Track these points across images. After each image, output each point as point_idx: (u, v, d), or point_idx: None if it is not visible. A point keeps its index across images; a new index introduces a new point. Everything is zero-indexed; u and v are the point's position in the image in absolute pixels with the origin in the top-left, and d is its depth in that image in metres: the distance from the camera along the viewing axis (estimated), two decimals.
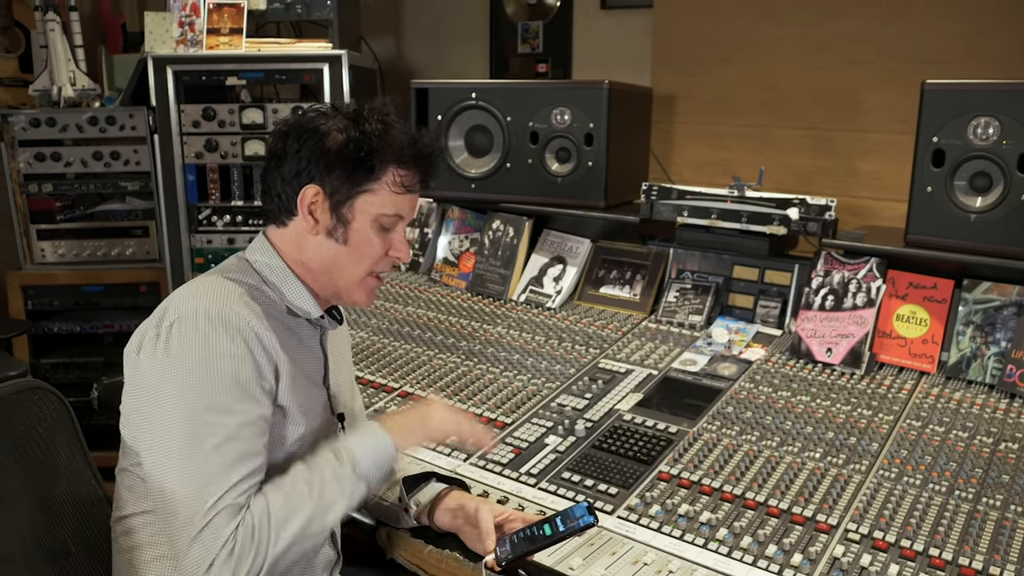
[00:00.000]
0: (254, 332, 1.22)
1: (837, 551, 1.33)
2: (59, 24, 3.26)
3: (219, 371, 1.18)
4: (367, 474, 1.27)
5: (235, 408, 1.18)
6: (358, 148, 1.27)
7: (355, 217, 1.30)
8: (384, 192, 1.30)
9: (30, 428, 1.33)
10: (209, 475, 1.14)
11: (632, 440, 1.69)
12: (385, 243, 1.34)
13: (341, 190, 1.29)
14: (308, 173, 1.29)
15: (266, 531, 1.16)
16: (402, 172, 1.31)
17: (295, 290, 1.34)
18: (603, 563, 1.34)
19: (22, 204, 3.32)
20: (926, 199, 1.88)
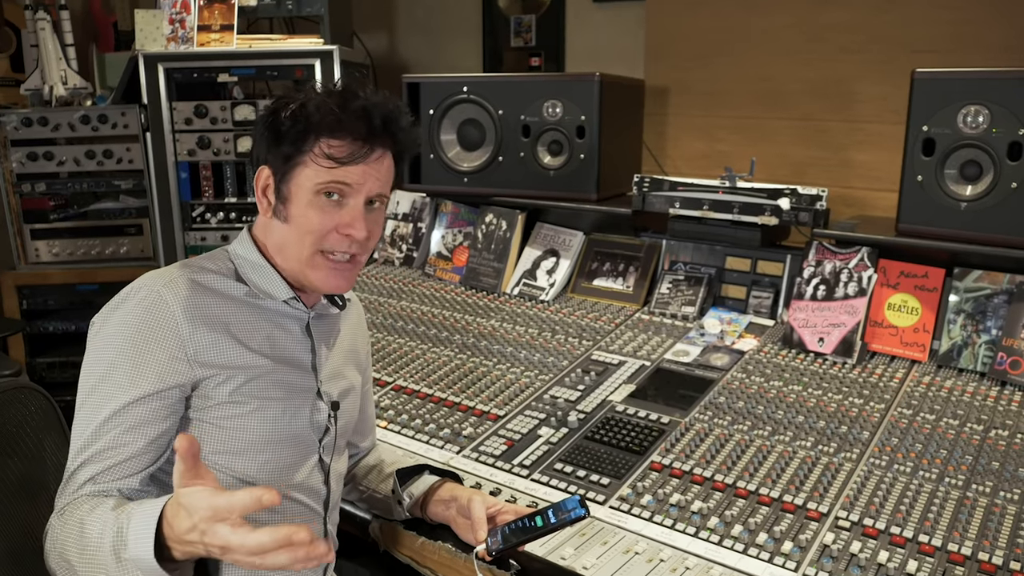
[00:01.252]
0: (171, 310, 1.20)
1: (827, 538, 1.34)
2: (49, 23, 3.26)
3: (120, 347, 1.19)
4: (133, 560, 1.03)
5: (128, 386, 1.18)
6: (294, 122, 1.22)
7: (292, 193, 1.24)
8: (313, 164, 1.22)
9: (19, 428, 1.34)
10: (87, 437, 1.17)
11: (624, 431, 1.69)
12: (330, 219, 1.24)
13: (279, 167, 1.25)
14: (261, 155, 1.27)
15: (56, 536, 1.14)
16: (332, 142, 1.22)
17: (263, 275, 1.31)
18: (594, 552, 1.34)
19: (15, 204, 3.31)
20: (917, 188, 1.89)
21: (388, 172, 1.30)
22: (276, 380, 1.30)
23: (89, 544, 1.08)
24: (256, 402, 1.27)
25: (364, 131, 1.23)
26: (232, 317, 1.27)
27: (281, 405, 1.30)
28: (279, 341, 1.32)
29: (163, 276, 1.25)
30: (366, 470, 1.56)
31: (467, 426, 1.78)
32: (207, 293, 1.26)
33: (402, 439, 1.76)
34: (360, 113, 1.23)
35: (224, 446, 1.25)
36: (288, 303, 1.33)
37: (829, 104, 2.73)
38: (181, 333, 1.21)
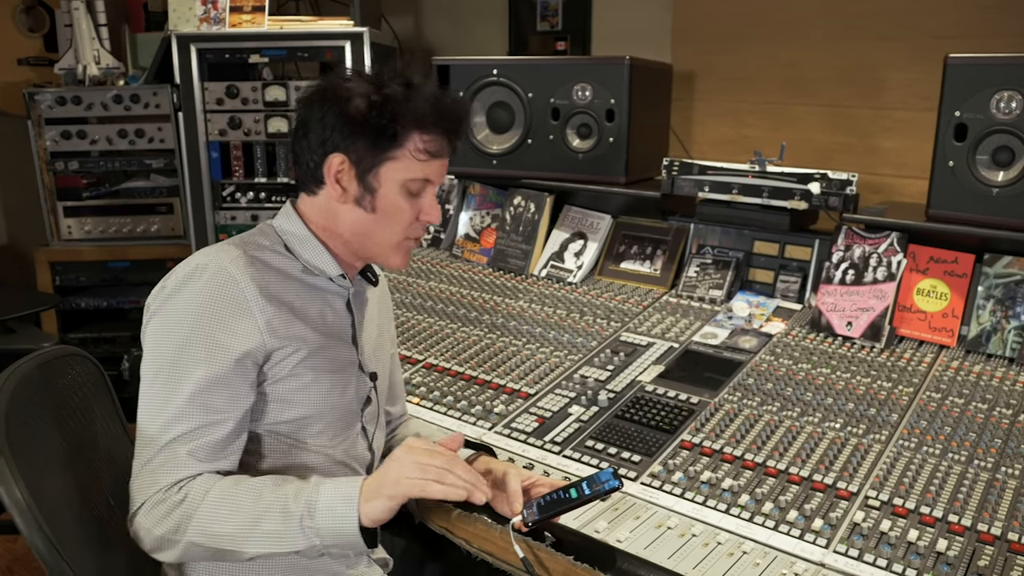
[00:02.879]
0: (240, 285, 1.24)
1: (857, 517, 1.36)
2: (83, 3, 3.30)
3: (195, 322, 1.22)
4: (320, 533, 1.17)
5: (204, 360, 1.21)
6: (380, 115, 1.26)
7: (381, 185, 1.30)
8: (408, 158, 1.29)
9: (70, 392, 1.38)
10: (172, 414, 1.20)
11: (654, 410, 1.72)
12: (415, 208, 1.33)
13: (366, 158, 1.29)
14: (332, 142, 1.29)
15: (190, 514, 1.17)
16: (426, 137, 1.29)
17: (314, 252, 1.35)
18: (628, 526, 1.37)
19: (49, 181, 3.37)
20: (948, 174, 1.89)
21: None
22: (328, 354, 1.35)
23: (257, 515, 1.17)
24: (312, 374, 1.32)
25: (454, 128, 1.32)
26: (291, 293, 1.32)
27: (332, 378, 1.35)
28: (328, 316, 1.37)
29: (227, 253, 1.28)
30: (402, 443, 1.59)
31: (498, 403, 1.81)
32: (268, 270, 1.30)
33: (435, 415, 1.79)
34: (450, 111, 1.31)
35: (283, 416, 1.31)
36: (334, 280, 1.37)
37: (856, 90, 2.72)
38: (252, 308, 1.25)
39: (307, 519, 1.16)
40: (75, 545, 1.15)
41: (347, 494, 1.18)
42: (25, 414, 1.21)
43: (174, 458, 1.19)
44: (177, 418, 1.20)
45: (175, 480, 1.19)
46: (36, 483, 1.11)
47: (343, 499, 1.17)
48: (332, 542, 1.18)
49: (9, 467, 1.07)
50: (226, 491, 1.19)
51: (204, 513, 1.17)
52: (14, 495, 1.05)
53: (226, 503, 1.18)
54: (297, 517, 1.16)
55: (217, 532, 1.17)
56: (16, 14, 3.94)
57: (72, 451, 1.30)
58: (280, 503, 1.18)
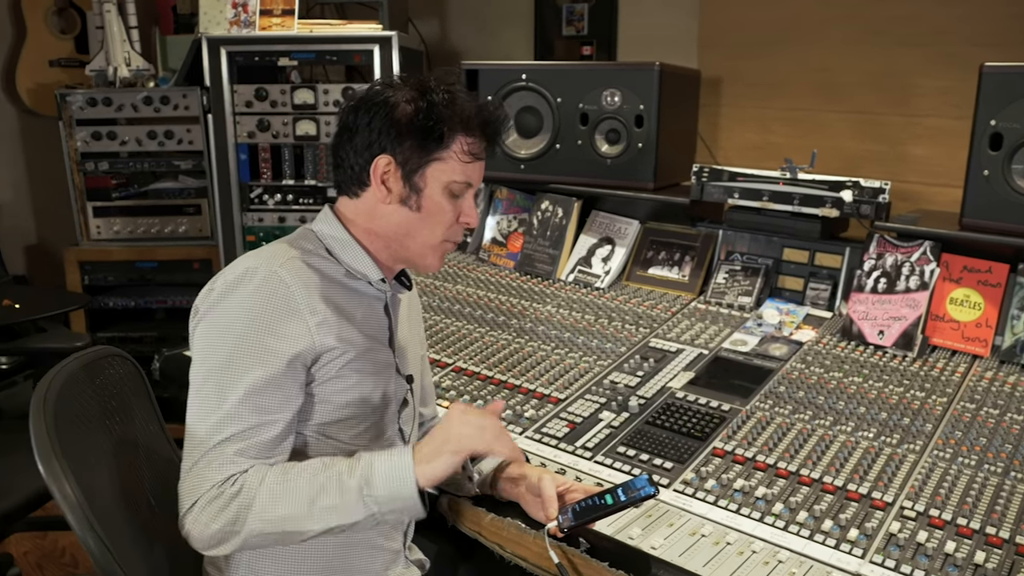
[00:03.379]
0: (292, 288, 1.26)
1: (893, 527, 1.36)
2: (115, 5, 3.34)
3: (247, 324, 1.24)
4: (379, 501, 1.22)
5: (256, 361, 1.23)
6: (427, 118, 1.30)
7: (427, 185, 1.34)
8: (453, 160, 1.34)
9: (112, 392, 1.39)
10: (223, 415, 1.21)
11: (685, 417, 1.72)
12: (455, 210, 1.37)
13: (412, 159, 1.33)
14: (379, 144, 1.32)
15: (249, 503, 1.19)
16: (469, 140, 1.34)
17: (355, 256, 1.38)
18: (661, 534, 1.37)
19: (79, 182, 3.41)
20: (982, 182, 1.88)
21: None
22: (371, 357, 1.37)
23: (314, 493, 1.20)
24: (356, 376, 1.34)
25: (492, 132, 1.37)
26: (337, 297, 1.34)
27: (373, 380, 1.37)
28: (369, 320, 1.39)
29: (275, 257, 1.30)
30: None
31: (528, 408, 1.81)
32: (315, 273, 1.32)
33: None
34: (489, 115, 1.36)
35: (327, 417, 1.33)
36: (374, 283, 1.39)
37: (886, 97, 2.71)
38: (302, 310, 1.27)
39: (366, 489, 1.21)
40: (124, 543, 1.16)
41: (401, 461, 1.23)
42: (72, 413, 1.23)
43: (224, 456, 1.21)
44: (228, 420, 1.21)
45: (227, 476, 1.20)
46: (86, 481, 1.13)
47: (399, 466, 1.23)
48: (389, 508, 1.23)
49: (60, 465, 1.09)
50: (280, 477, 1.22)
51: (263, 500, 1.20)
52: (66, 493, 1.07)
53: (283, 487, 1.21)
54: (355, 489, 1.21)
55: (280, 515, 1.20)
56: (48, 16, 3.99)
57: (115, 450, 1.32)
58: (335, 479, 1.22)
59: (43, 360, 2.76)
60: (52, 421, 1.14)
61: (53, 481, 1.08)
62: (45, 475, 1.08)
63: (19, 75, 3.97)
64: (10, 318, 2.79)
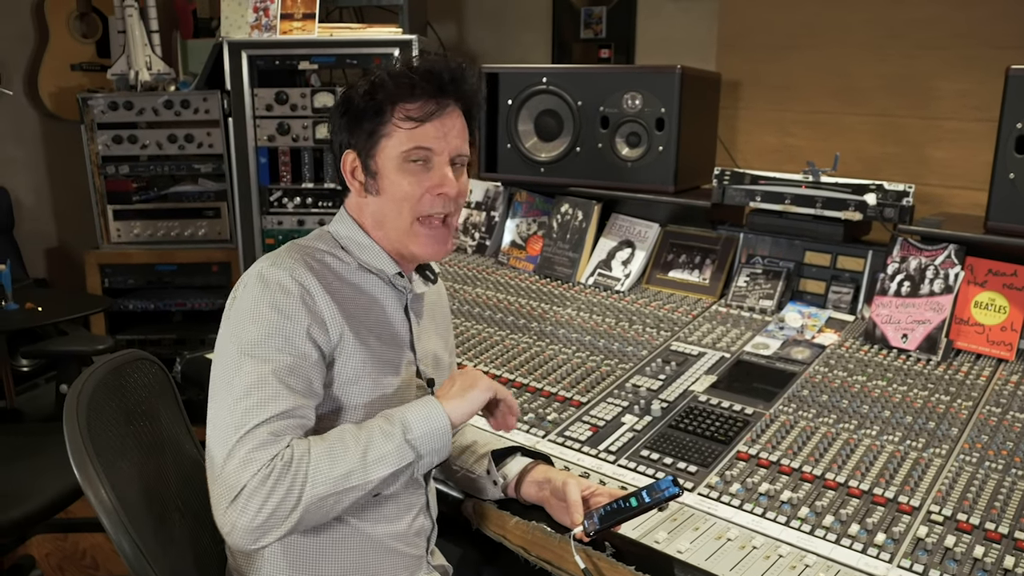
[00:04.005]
0: (303, 288, 1.26)
1: (921, 532, 1.35)
2: (137, 10, 3.37)
3: (262, 320, 1.23)
4: (418, 441, 1.24)
5: (275, 352, 1.22)
6: (365, 100, 1.29)
7: (379, 165, 1.31)
8: (398, 131, 1.29)
9: (141, 396, 1.40)
10: (246, 408, 1.17)
11: (708, 420, 1.72)
12: (421, 182, 1.31)
13: (363, 145, 1.32)
14: (340, 141, 1.35)
15: (304, 469, 1.15)
16: (408, 106, 1.29)
17: (370, 253, 1.37)
18: (687, 537, 1.36)
19: (100, 185, 3.44)
20: (1008, 185, 1.87)
21: (463, 129, 1.37)
22: (387, 359, 1.36)
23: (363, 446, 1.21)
24: (372, 379, 1.33)
25: (435, 88, 1.30)
26: (353, 297, 1.33)
27: (394, 383, 1.36)
28: (388, 321, 1.37)
29: (289, 261, 1.29)
30: (460, 450, 1.60)
31: (551, 411, 1.81)
32: (331, 274, 1.32)
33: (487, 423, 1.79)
34: (428, 73, 1.30)
35: (343, 420, 1.31)
36: (392, 280, 1.38)
37: (906, 100, 2.71)
38: (321, 312, 1.27)
39: (408, 433, 1.23)
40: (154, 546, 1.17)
41: (431, 406, 1.27)
42: (103, 417, 1.24)
43: (261, 439, 1.16)
44: (260, 405, 1.18)
45: (271, 455, 1.15)
46: (119, 485, 1.14)
47: (431, 410, 1.27)
48: (429, 447, 1.25)
49: (96, 469, 1.10)
50: (324, 443, 1.20)
51: (317, 463, 1.16)
52: (101, 497, 1.08)
53: (333, 448, 1.19)
54: (399, 435, 1.23)
55: (339, 474, 1.18)
56: (70, 20, 4.03)
57: (145, 454, 1.33)
58: (378, 431, 1.23)
59: (64, 363, 2.78)
60: (85, 425, 1.15)
61: (89, 486, 1.08)
62: (80, 479, 1.09)
63: (41, 79, 4.01)
64: (32, 321, 2.81)
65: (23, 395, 3.37)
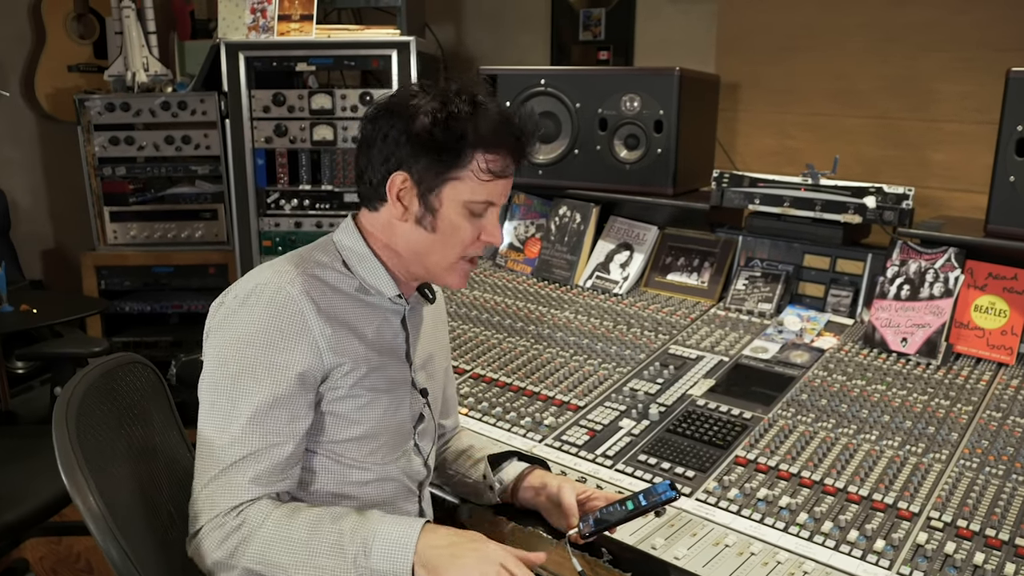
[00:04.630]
0: (303, 312, 1.24)
1: (920, 538, 1.33)
2: (134, 11, 3.35)
3: (260, 345, 1.22)
4: (372, 571, 1.16)
5: (268, 381, 1.21)
6: (444, 132, 1.22)
7: (443, 204, 1.27)
8: (471, 179, 1.26)
9: (133, 401, 1.39)
10: (233, 437, 1.20)
11: (707, 425, 1.70)
12: (475, 228, 1.30)
13: (428, 177, 1.25)
14: (396, 159, 1.26)
15: (246, 539, 1.18)
16: (490, 157, 1.26)
17: (371, 271, 1.34)
18: (685, 543, 1.35)
19: (96, 186, 3.42)
20: (1008, 188, 1.86)
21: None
22: (384, 373, 1.35)
23: (312, 549, 1.17)
24: (369, 394, 1.32)
25: (518, 148, 1.29)
26: (349, 312, 1.31)
27: (388, 396, 1.35)
28: (384, 334, 1.36)
29: (285, 273, 1.27)
30: (456, 455, 1.59)
31: (548, 415, 1.80)
32: (326, 289, 1.30)
33: (484, 426, 1.79)
34: (515, 130, 1.28)
35: (340, 435, 1.30)
36: (391, 299, 1.37)
37: (906, 103, 2.69)
38: (312, 327, 1.24)
39: (361, 558, 1.16)
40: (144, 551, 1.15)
41: (403, 539, 1.17)
42: (94, 421, 1.23)
43: (232, 483, 1.19)
44: (238, 440, 1.20)
45: (233, 505, 1.19)
46: (108, 491, 1.12)
47: (399, 545, 1.17)
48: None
49: (84, 475, 1.08)
50: (283, 521, 1.19)
51: (260, 541, 1.18)
52: (90, 504, 1.06)
53: (283, 533, 1.18)
54: (352, 556, 1.16)
55: (273, 561, 1.18)
56: (68, 21, 4.02)
57: (136, 458, 1.32)
58: (336, 539, 1.17)
59: (60, 365, 2.76)
60: (75, 430, 1.13)
61: (77, 492, 1.07)
62: (69, 486, 1.07)
63: (38, 80, 4.00)
64: (27, 323, 2.80)
65: (18, 397, 3.35)
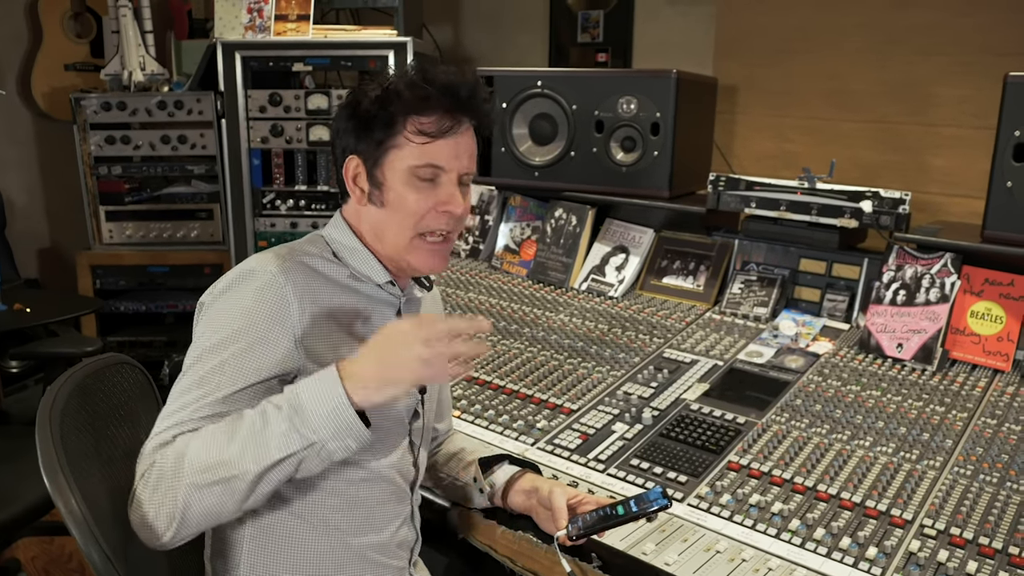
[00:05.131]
0: (288, 301, 1.22)
1: (913, 546, 1.32)
2: (130, 10, 3.35)
3: (240, 330, 1.19)
4: (311, 427, 1.09)
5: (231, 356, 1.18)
6: (380, 107, 1.24)
7: (387, 177, 1.27)
8: (408, 144, 1.25)
9: (119, 401, 1.38)
10: (170, 406, 1.16)
11: (700, 429, 1.69)
12: (427, 199, 1.27)
13: (370, 154, 1.27)
14: (348, 146, 1.29)
15: (173, 472, 1.09)
16: (423, 119, 1.24)
17: (361, 259, 1.34)
18: (675, 549, 1.34)
19: (92, 186, 3.41)
20: (1005, 194, 1.85)
21: (473, 146, 1.33)
22: None
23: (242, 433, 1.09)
24: None
25: (451, 103, 1.25)
26: (338, 302, 1.30)
27: None
28: (376, 327, 1.34)
29: (276, 259, 1.26)
30: (447, 457, 1.58)
31: (541, 419, 1.79)
32: (317, 278, 1.29)
33: (476, 429, 1.78)
34: (446, 87, 1.25)
35: None
36: (383, 287, 1.35)
37: (904, 107, 2.68)
38: (293, 317, 1.22)
39: (295, 417, 1.09)
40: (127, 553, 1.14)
41: (328, 381, 1.10)
42: (78, 423, 1.21)
43: (151, 446, 1.13)
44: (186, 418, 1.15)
45: (149, 464, 1.11)
46: (91, 491, 1.11)
47: (327, 385, 1.10)
48: (328, 433, 1.09)
49: (66, 478, 1.07)
50: (209, 429, 1.12)
51: (193, 451, 1.09)
52: (71, 507, 1.05)
53: (210, 435, 1.11)
54: (285, 417, 1.09)
55: (210, 462, 1.08)
56: (65, 20, 4.01)
57: (121, 460, 1.30)
58: (260, 413, 1.11)
59: (53, 364, 2.75)
60: (58, 432, 1.12)
61: (59, 495, 1.05)
62: (50, 488, 1.06)
63: (35, 79, 3.99)
64: (20, 322, 2.79)
65: (11, 396, 3.35)
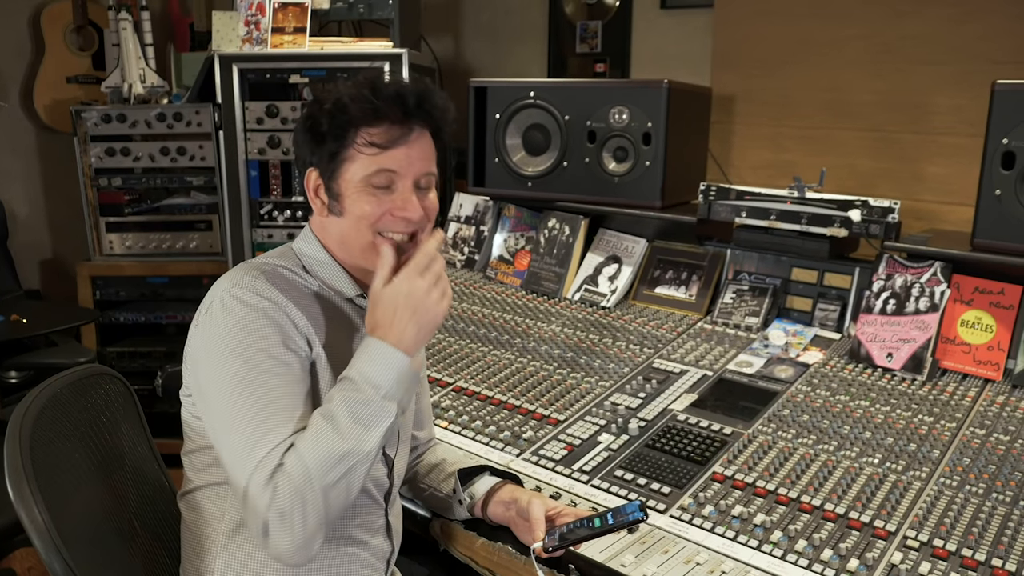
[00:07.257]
0: (274, 304, 1.24)
1: (895, 558, 1.31)
2: (131, 23, 3.37)
3: (246, 340, 1.21)
4: (392, 393, 1.20)
5: (265, 372, 1.20)
6: (331, 121, 1.25)
7: (342, 188, 1.29)
8: (360, 156, 1.26)
9: (98, 412, 1.38)
10: (248, 439, 1.16)
11: (686, 440, 1.68)
12: (383, 203, 1.28)
13: (326, 167, 1.29)
14: (306, 160, 1.31)
15: (305, 483, 1.13)
16: (373, 131, 1.26)
17: (331, 273, 1.35)
18: (655, 561, 1.33)
19: (92, 197, 3.43)
20: (994, 202, 1.84)
21: (429, 150, 1.33)
22: None
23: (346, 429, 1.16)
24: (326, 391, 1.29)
25: (400, 113, 1.26)
26: (314, 312, 1.30)
27: None
28: (348, 336, 1.34)
29: (251, 276, 1.27)
30: (428, 468, 1.57)
31: (527, 429, 1.78)
32: (292, 288, 1.30)
33: (462, 440, 1.77)
34: (394, 97, 1.26)
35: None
36: (353, 300, 1.36)
37: (901, 116, 2.67)
38: (295, 319, 1.25)
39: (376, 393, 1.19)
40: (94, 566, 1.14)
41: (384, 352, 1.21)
42: (51, 434, 1.21)
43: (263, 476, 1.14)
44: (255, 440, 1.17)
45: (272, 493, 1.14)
46: (58, 504, 1.11)
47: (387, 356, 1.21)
48: (399, 390, 1.22)
49: (31, 489, 1.07)
50: (309, 435, 1.17)
51: (312, 458, 1.14)
52: (34, 517, 1.05)
53: (314, 440, 1.16)
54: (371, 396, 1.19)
55: (332, 460, 1.15)
56: (67, 33, 4.04)
57: (98, 471, 1.30)
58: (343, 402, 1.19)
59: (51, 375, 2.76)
60: (28, 443, 1.12)
61: (21, 504, 1.05)
62: (14, 498, 1.06)
63: (37, 91, 4.02)
64: (16, 332, 2.80)
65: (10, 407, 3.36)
